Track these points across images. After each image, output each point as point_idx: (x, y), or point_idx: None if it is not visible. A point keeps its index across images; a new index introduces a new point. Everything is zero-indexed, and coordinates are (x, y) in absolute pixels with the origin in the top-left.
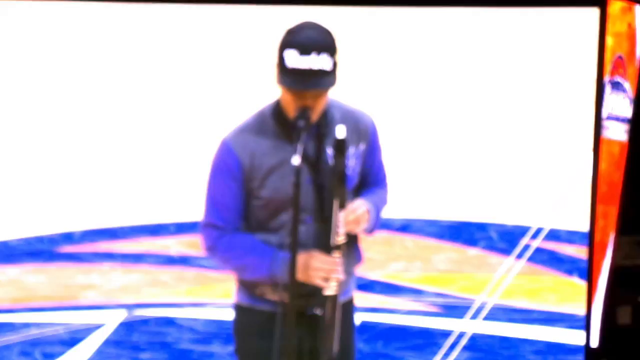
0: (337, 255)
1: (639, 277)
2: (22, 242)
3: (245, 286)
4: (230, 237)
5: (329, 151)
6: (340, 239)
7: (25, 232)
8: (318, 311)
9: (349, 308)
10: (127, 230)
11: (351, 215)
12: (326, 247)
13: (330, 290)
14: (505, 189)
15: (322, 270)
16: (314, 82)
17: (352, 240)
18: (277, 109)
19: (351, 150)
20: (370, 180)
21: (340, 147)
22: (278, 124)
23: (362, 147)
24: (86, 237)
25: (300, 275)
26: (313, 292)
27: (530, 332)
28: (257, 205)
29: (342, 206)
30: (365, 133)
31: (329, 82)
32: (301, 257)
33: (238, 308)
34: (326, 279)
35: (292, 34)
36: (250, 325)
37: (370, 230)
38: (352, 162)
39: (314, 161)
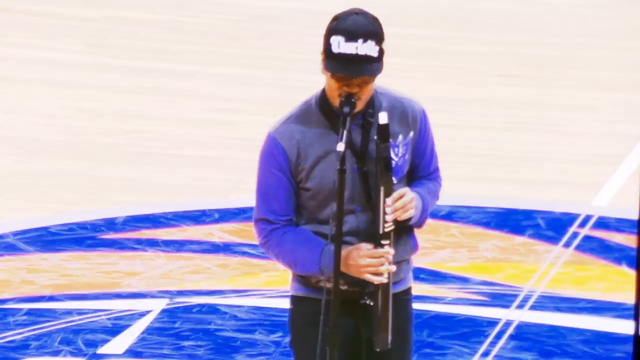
0: (385, 245)
1: None
2: (65, 228)
3: (300, 276)
4: (281, 232)
5: (375, 138)
6: (388, 227)
7: (67, 219)
8: (369, 301)
9: (405, 298)
10: (170, 217)
11: (398, 202)
12: (375, 237)
13: (381, 281)
14: (555, 175)
15: (369, 265)
16: (360, 69)
17: (405, 228)
18: (322, 98)
19: (399, 139)
20: (421, 171)
21: (384, 133)
22: (323, 113)
23: (411, 135)
24: (129, 223)
25: (350, 271)
26: (364, 281)
27: (578, 321)
28: (306, 196)
29: (388, 194)
30: (414, 121)
31: (375, 69)
32: (347, 252)
33: (294, 299)
34: (375, 273)
35: (339, 20)
36: (307, 315)
37: (418, 221)
38: (401, 151)
39: (360, 149)
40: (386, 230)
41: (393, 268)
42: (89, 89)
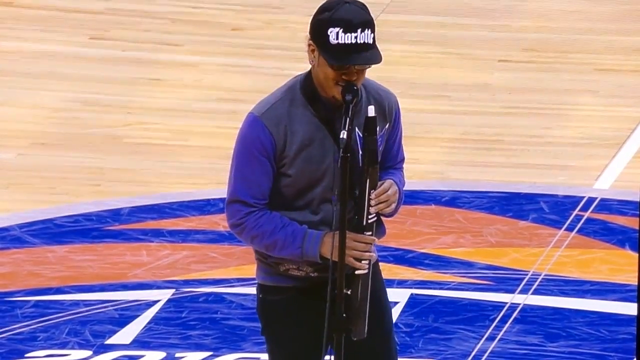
0: (369, 234)
1: None
2: (71, 220)
3: (268, 265)
4: (259, 215)
5: (358, 130)
6: (371, 218)
7: (73, 211)
8: (348, 291)
9: (376, 269)
10: (175, 207)
11: (382, 196)
12: (356, 227)
13: (361, 269)
14: (557, 159)
15: (355, 250)
16: (363, 57)
17: (378, 216)
18: (308, 86)
19: (377, 130)
20: (390, 161)
21: (371, 125)
22: (309, 101)
23: (387, 127)
24: (134, 214)
25: (328, 253)
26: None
27: (582, 303)
28: (284, 182)
29: (373, 186)
30: (390, 113)
31: (376, 55)
32: (332, 235)
33: (263, 287)
34: (359, 259)
35: (333, 11)
36: (279, 303)
37: (392, 213)
38: (379, 142)
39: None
40: (369, 221)
41: (374, 256)
42: (92, 81)
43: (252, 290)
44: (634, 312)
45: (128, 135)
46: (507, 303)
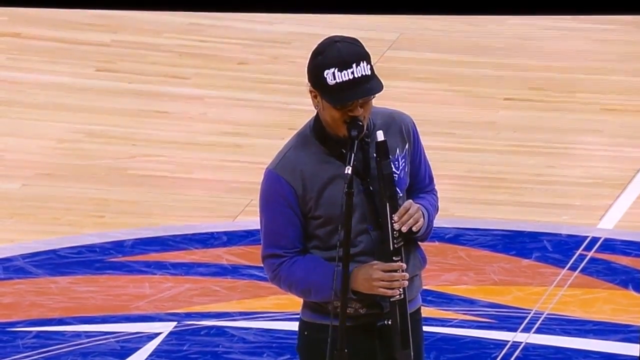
0: (397, 260)
1: None
2: (74, 251)
3: (316, 303)
4: (291, 263)
5: (374, 156)
6: (398, 242)
7: (76, 242)
8: (386, 321)
9: (416, 318)
10: (179, 240)
11: (404, 216)
12: (386, 254)
13: (396, 296)
14: (561, 198)
15: (383, 279)
16: (362, 90)
17: (412, 243)
18: (318, 128)
19: (397, 152)
20: (418, 184)
21: (382, 150)
22: (323, 143)
23: (407, 147)
24: (137, 246)
25: (362, 288)
26: (381, 304)
27: (585, 343)
28: (315, 224)
29: (394, 210)
30: (407, 132)
31: (376, 85)
32: (361, 270)
33: (307, 324)
34: (389, 287)
35: (324, 53)
36: (322, 341)
37: (423, 234)
38: (401, 164)
39: (362, 170)
40: (396, 246)
41: (406, 282)
42: (98, 113)
43: (254, 324)
44: (637, 353)
45: (132, 167)
46: (509, 341)
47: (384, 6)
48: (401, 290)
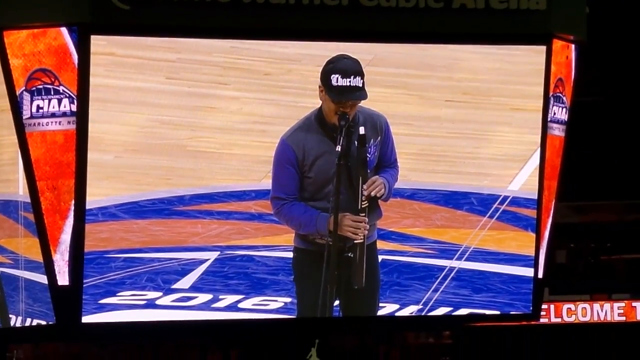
0: (362, 215)
1: (570, 230)
2: (150, 202)
3: (301, 235)
4: (290, 205)
5: (356, 143)
6: (364, 204)
7: (151, 196)
8: (350, 254)
9: (372, 248)
10: (222, 195)
11: (371, 186)
12: (355, 210)
13: (358, 239)
14: (483, 169)
15: (352, 227)
16: (354, 96)
17: (374, 203)
18: (319, 115)
19: (371, 142)
20: (385, 162)
21: (362, 140)
22: (321, 126)
23: (379, 139)
24: (193, 200)
25: (338, 230)
26: (346, 240)
27: (498, 268)
28: (307, 182)
29: (364, 181)
30: (380, 128)
31: (363, 94)
32: (333, 218)
33: (296, 250)
34: (355, 233)
35: (334, 63)
36: (306, 261)
37: (386, 197)
38: (372, 150)
39: (346, 150)
40: (363, 206)
41: (367, 231)
42: (167, 108)
43: (274, 253)
44: (532, 274)
45: (190, 145)
46: (447, 267)
47: (362, 35)
48: (362, 236)
